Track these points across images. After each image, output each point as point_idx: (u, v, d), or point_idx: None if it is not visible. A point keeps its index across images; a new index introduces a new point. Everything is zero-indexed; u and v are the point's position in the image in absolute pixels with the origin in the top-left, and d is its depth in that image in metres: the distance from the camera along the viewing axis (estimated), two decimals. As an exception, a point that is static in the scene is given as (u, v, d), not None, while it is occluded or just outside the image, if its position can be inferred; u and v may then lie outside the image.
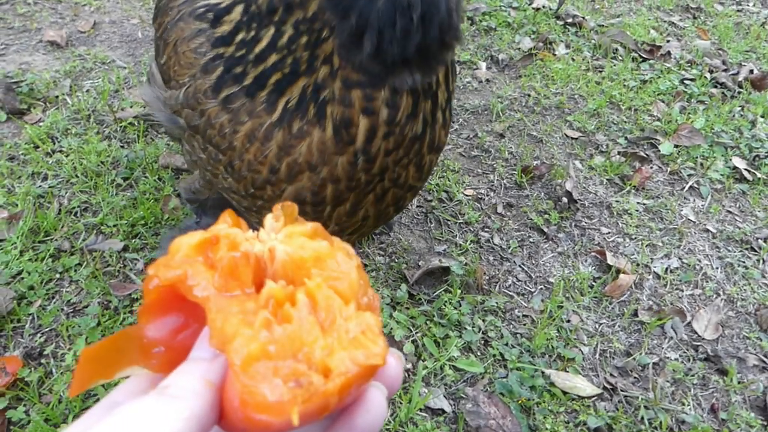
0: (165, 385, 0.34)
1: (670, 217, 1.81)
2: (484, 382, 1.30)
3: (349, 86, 0.81)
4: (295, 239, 0.42)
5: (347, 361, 0.36)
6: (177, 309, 0.40)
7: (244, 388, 0.33)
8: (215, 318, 0.36)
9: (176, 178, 1.70)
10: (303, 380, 0.34)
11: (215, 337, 0.35)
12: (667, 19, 3.08)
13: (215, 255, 0.39)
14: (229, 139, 0.93)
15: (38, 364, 1.23)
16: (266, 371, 0.34)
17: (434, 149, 0.98)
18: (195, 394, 0.34)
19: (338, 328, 0.38)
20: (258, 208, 1.02)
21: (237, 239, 0.40)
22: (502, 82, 2.38)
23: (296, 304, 0.38)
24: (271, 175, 0.92)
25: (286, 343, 0.35)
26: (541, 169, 1.90)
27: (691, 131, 2.13)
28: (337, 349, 0.36)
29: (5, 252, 1.41)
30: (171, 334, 0.39)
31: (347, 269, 0.41)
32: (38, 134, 1.76)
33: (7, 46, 2.23)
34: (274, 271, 0.41)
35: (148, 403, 0.33)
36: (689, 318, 1.51)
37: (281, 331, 0.36)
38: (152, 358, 0.38)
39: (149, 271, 0.38)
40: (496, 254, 1.62)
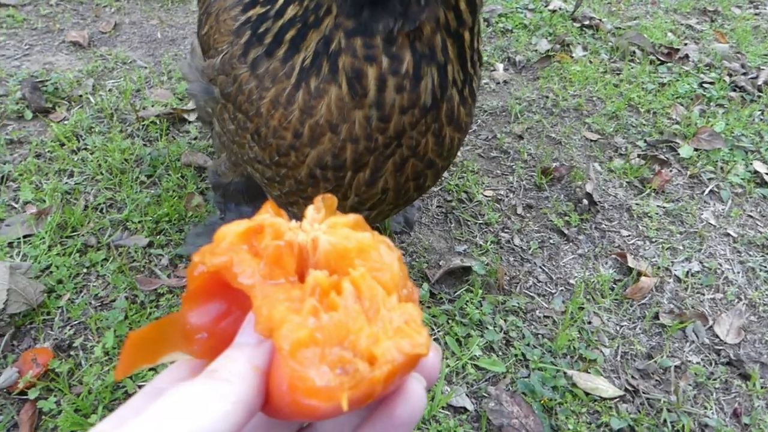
0: (213, 369, 0.35)
1: (690, 220, 1.81)
2: (506, 381, 1.30)
3: (348, 35, 0.87)
4: (338, 230, 0.42)
5: (393, 350, 0.36)
6: (220, 296, 0.40)
7: (293, 372, 0.34)
8: (261, 305, 0.37)
9: (198, 176, 1.72)
10: (349, 367, 0.35)
11: (261, 323, 0.36)
12: (684, 22, 3.07)
13: (260, 243, 0.40)
14: (256, 105, 0.98)
15: (68, 355, 1.25)
16: (314, 357, 0.34)
17: (454, 123, 1.00)
18: (242, 378, 0.34)
19: (382, 317, 0.38)
20: (281, 178, 1.05)
21: (281, 228, 0.41)
22: (520, 83, 2.38)
23: (342, 292, 0.38)
24: (295, 139, 0.96)
25: (332, 330, 0.36)
26: (561, 170, 1.90)
27: (711, 135, 2.12)
28: (383, 338, 0.37)
29: (34, 246, 1.43)
30: (214, 320, 0.40)
31: (389, 261, 0.42)
32: (63, 132, 1.79)
33: (32, 46, 2.26)
34: (316, 261, 0.41)
35: (197, 387, 0.33)
36: (711, 322, 1.51)
37: (328, 318, 0.36)
38: (195, 344, 0.39)
39: (194, 258, 0.39)
40: (516, 255, 1.63)
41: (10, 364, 1.20)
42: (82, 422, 1.11)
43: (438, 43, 0.89)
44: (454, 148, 1.06)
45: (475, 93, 1.05)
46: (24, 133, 1.81)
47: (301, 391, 0.34)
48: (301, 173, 1.00)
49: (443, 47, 0.90)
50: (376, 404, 0.40)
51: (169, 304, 1.36)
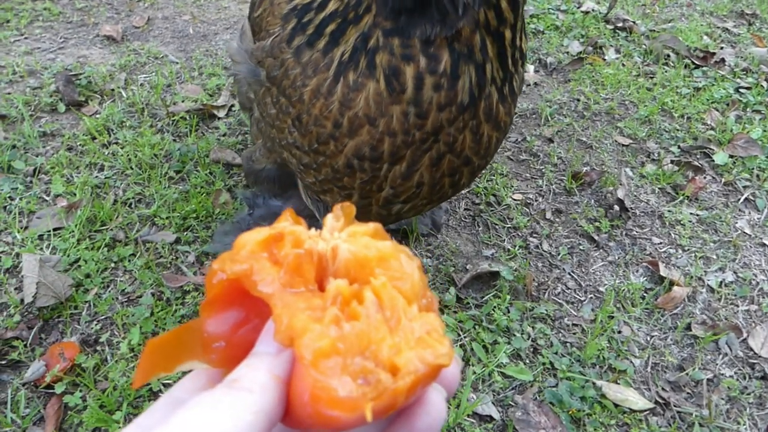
0: (234, 379, 0.35)
1: (724, 229, 1.76)
2: (533, 390, 1.28)
3: (386, 34, 0.88)
4: (358, 238, 0.42)
5: (415, 361, 0.36)
6: (239, 304, 0.40)
7: (315, 382, 0.33)
8: (281, 313, 0.36)
9: (227, 173, 1.72)
10: (371, 378, 0.35)
11: (281, 332, 0.35)
12: (720, 25, 3.00)
13: (280, 251, 0.39)
14: (299, 92, 0.99)
15: (94, 351, 1.26)
16: (336, 367, 0.34)
17: (492, 121, 0.99)
18: (264, 388, 0.34)
19: (404, 327, 0.38)
20: (318, 165, 1.06)
21: (301, 237, 0.40)
22: (551, 85, 2.35)
23: (363, 302, 0.38)
24: (335, 129, 0.97)
25: (354, 340, 0.36)
26: (592, 175, 1.86)
27: (747, 141, 2.07)
28: (405, 349, 0.37)
29: (64, 240, 1.44)
30: (232, 329, 0.39)
31: (410, 270, 0.41)
32: (95, 126, 1.80)
33: (66, 39, 2.29)
34: (336, 270, 0.41)
35: (218, 396, 0.33)
36: (745, 334, 1.47)
37: (350, 328, 0.36)
38: (212, 352, 0.39)
39: (214, 266, 0.39)
40: (545, 261, 1.60)
41: (37, 358, 1.21)
42: (106, 419, 1.11)
43: (477, 43, 0.89)
44: (492, 146, 1.06)
45: (515, 92, 1.05)
46: (57, 126, 1.83)
47: (324, 401, 0.33)
48: (338, 162, 1.01)
49: (482, 46, 0.90)
50: (396, 415, 0.39)
51: (195, 302, 1.36)
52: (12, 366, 1.21)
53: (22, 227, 1.49)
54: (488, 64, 0.92)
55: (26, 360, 1.22)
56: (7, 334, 1.24)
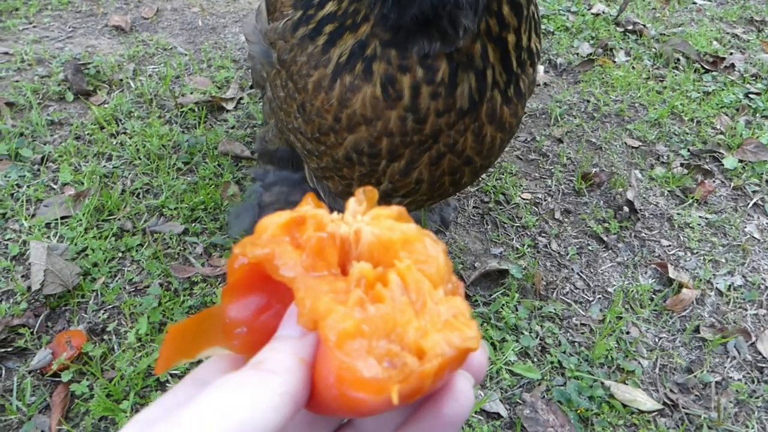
0: (258, 361, 0.34)
1: (733, 233, 1.76)
2: (541, 389, 1.27)
3: (384, 45, 0.87)
4: (382, 221, 0.41)
5: (442, 344, 0.35)
6: (260, 289, 0.39)
7: (340, 364, 0.33)
8: (304, 296, 0.35)
9: (235, 166, 1.71)
10: (397, 361, 0.34)
11: (304, 315, 0.35)
12: (730, 30, 2.99)
13: (302, 235, 0.39)
14: (304, 81, 0.99)
15: (101, 339, 1.25)
16: (362, 349, 0.33)
17: (496, 122, 0.98)
18: (289, 370, 0.33)
19: (429, 310, 0.37)
20: (320, 153, 1.06)
21: (323, 220, 0.40)
22: (561, 86, 2.34)
23: (388, 284, 0.37)
24: (335, 123, 0.97)
25: (379, 322, 0.35)
26: (601, 176, 1.86)
27: (757, 146, 2.06)
28: (431, 331, 0.36)
29: (71, 228, 1.43)
30: (254, 314, 0.39)
31: (435, 253, 0.40)
32: (104, 115, 1.80)
33: (75, 29, 2.28)
34: (359, 253, 0.40)
35: (244, 377, 0.32)
36: (753, 338, 1.46)
37: (374, 310, 0.35)
38: (234, 338, 0.38)
39: (235, 250, 0.38)
40: (553, 260, 1.59)
41: (44, 345, 1.20)
42: (113, 407, 1.11)
43: (477, 50, 0.88)
44: (496, 147, 1.04)
45: (522, 92, 1.02)
46: (65, 115, 1.82)
47: (349, 382, 0.33)
48: (338, 153, 1.01)
49: (483, 53, 0.88)
50: (422, 401, 0.38)
51: (203, 293, 1.35)
52: (18, 353, 1.20)
53: (30, 215, 1.48)
54: (489, 69, 0.91)
55: (32, 348, 1.21)
56: (13, 322, 1.23)
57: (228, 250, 1.46)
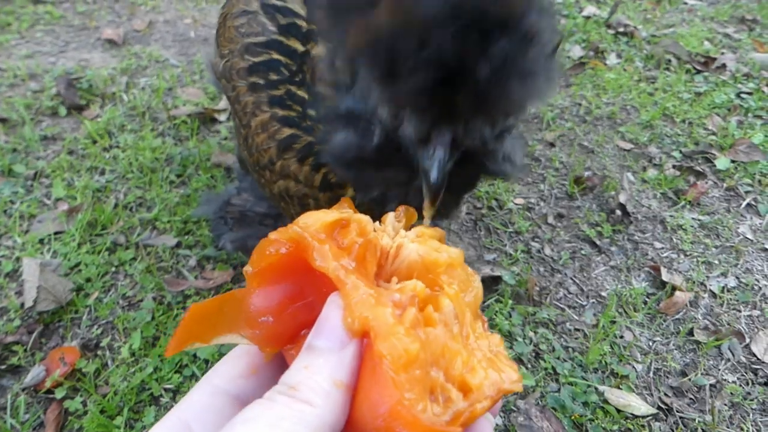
0: (292, 386, 0.32)
1: (726, 234, 1.76)
2: (535, 395, 1.27)
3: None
4: (427, 240, 0.40)
5: (489, 384, 0.34)
6: (292, 278, 0.37)
7: (400, 399, 0.30)
8: (352, 296, 0.33)
9: (228, 177, 1.72)
10: (442, 396, 0.32)
11: (353, 316, 0.33)
12: (721, 30, 3.00)
13: (343, 238, 0.37)
14: (248, 119, 1.00)
15: (94, 355, 1.25)
16: (418, 382, 0.31)
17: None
18: (327, 398, 0.31)
19: (472, 344, 0.36)
20: (261, 184, 1.08)
21: (366, 227, 0.38)
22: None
23: (441, 309, 0.35)
24: (270, 164, 0.99)
25: (430, 349, 0.33)
26: (593, 180, 1.86)
27: (749, 146, 2.07)
28: (478, 368, 0.34)
29: (65, 244, 1.44)
30: (283, 303, 0.37)
31: (475, 283, 0.39)
32: (96, 129, 1.80)
33: (68, 43, 2.29)
34: (396, 269, 0.38)
35: (279, 410, 0.30)
36: (747, 340, 1.46)
37: (426, 335, 0.33)
38: (257, 327, 0.36)
39: (271, 236, 0.36)
40: (546, 265, 1.60)
41: (38, 362, 1.20)
42: (107, 424, 1.11)
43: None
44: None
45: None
46: (58, 130, 1.83)
47: (404, 422, 0.30)
48: (273, 189, 1.03)
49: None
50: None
51: (196, 306, 1.35)
52: (12, 371, 1.21)
53: (23, 231, 1.49)
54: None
55: (26, 365, 1.21)
56: (7, 339, 1.23)
57: (221, 262, 1.46)
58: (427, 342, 0.33)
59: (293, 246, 0.36)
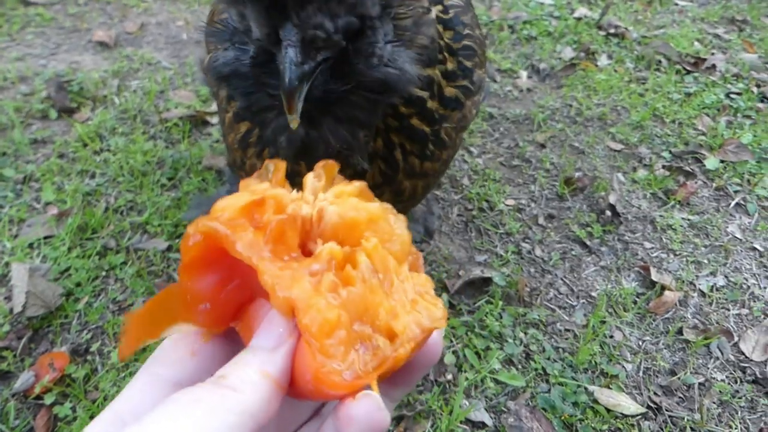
0: (221, 375, 0.34)
1: (715, 233, 1.77)
2: (525, 396, 1.28)
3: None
4: (345, 200, 0.41)
5: (413, 326, 0.36)
6: (218, 265, 0.39)
7: (320, 366, 0.33)
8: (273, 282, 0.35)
9: (219, 180, 1.72)
10: (369, 345, 0.35)
11: (278, 301, 0.35)
12: (711, 31, 3.02)
13: (262, 217, 0.39)
14: (222, 115, 1.01)
15: (84, 360, 1.25)
16: (340, 344, 0.34)
17: (416, 176, 0.98)
18: (252, 387, 0.33)
19: (396, 289, 0.38)
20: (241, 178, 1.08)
21: (283, 201, 0.40)
22: (544, 91, 2.36)
23: (358, 266, 0.37)
24: (242, 163, 0.99)
25: (352, 307, 0.35)
26: (584, 180, 1.87)
27: (738, 146, 2.08)
28: (401, 313, 0.37)
29: (54, 248, 1.43)
30: (215, 288, 0.39)
31: (399, 230, 0.41)
32: (87, 133, 1.80)
33: (59, 45, 2.29)
34: (321, 232, 0.40)
35: (200, 395, 0.32)
36: (736, 338, 1.47)
37: (347, 294, 0.36)
38: (198, 315, 0.38)
39: (189, 230, 0.38)
40: (537, 266, 1.60)
41: (27, 368, 1.20)
42: (98, 427, 1.10)
43: (379, 144, 0.88)
44: (419, 191, 1.05)
45: (444, 141, 1.01)
46: (48, 133, 1.82)
47: (328, 384, 0.33)
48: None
49: (386, 142, 0.88)
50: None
51: (187, 309, 1.35)
52: (1, 377, 1.20)
53: (12, 236, 1.48)
54: (397, 149, 0.91)
55: (15, 370, 1.21)
56: (-4, 344, 1.23)
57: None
58: (347, 301, 0.35)
59: (206, 237, 0.37)
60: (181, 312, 0.38)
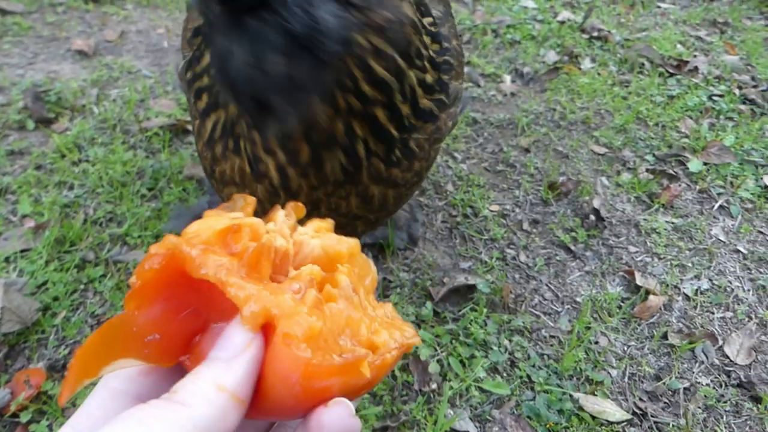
0: (173, 390, 0.32)
1: (699, 236, 1.77)
2: (510, 404, 1.27)
3: (249, 126, 0.85)
4: (327, 234, 0.43)
5: (391, 341, 0.37)
6: (173, 291, 0.36)
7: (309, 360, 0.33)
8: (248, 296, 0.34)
9: (200, 190, 1.70)
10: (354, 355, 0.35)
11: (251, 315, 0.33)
12: (693, 33, 3.04)
13: (236, 243, 0.37)
14: (196, 123, 0.99)
15: (62, 376, 1.22)
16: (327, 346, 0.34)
17: (383, 182, 0.96)
18: (204, 401, 0.32)
19: (371, 313, 0.40)
20: (214, 189, 1.07)
21: (259, 230, 0.39)
22: (527, 95, 2.36)
23: (339, 285, 0.38)
24: (211, 171, 0.98)
25: (335, 321, 0.36)
26: (568, 185, 1.87)
27: (721, 149, 2.09)
28: (381, 330, 0.38)
29: (31, 262, 1.41)
30: (166, 317, 0.36)
31: (371, 267, 0.44)
32: (65, 143, 1.77)
33: (36, 54, 2.25)
34: (298, 265, 0.40)
35: (152, 411, 0.31)
36: (720, 342, 1.47)
37: (329, 310, 0.36)
38: (145, 347, 0.35)
39: (151, 249, 0.35)
40: (522, 272, 1.60)
41: (2, 385, 1.17)
42: (75, 445, 1.08)
43: (339, 128, 0.83)
44: (390, 201, 1.03)
45: (414, 151, 0.98)
46: (25, 144, 1.80)
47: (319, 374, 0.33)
48: (222, 194, 1.02)
49: (348, 129, 0.84)
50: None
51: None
52: (-24, 394, 1.18)
53: (-11, 249, 1.46)
54: (359, 143, 0.87)
55: (-9, 387, 1.18)
56: (-29, 361, 1.21)
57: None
58: (330, 316, 0.36)
59: (169, 258, 0.35)
60: (124, 346, 0.35)
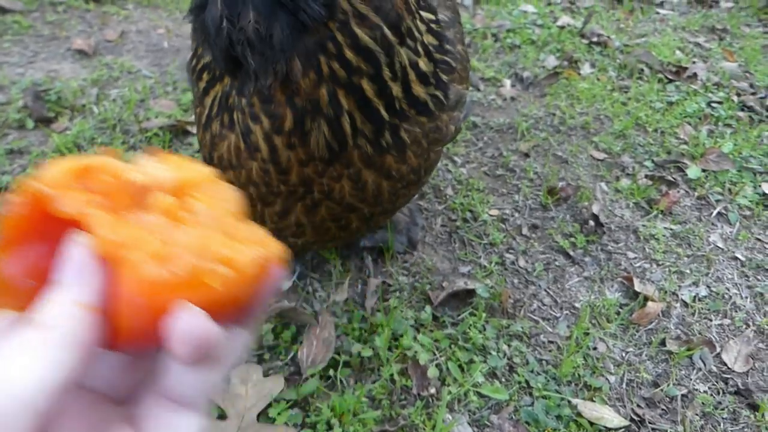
0: (30, 317, 0.31)
1: (697, 243, 1.78)
2: (509, 409, 1.27)
3: (237, 93, 0.87)
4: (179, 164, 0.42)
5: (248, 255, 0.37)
6: (42, 235, 0.36)
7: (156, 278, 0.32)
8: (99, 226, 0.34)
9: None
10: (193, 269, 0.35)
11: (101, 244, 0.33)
12: (692, 40, 3.05)
13: (91, 181, 0.37)
14: (197, 111, 1.01)
15: None
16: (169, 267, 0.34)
17: (376, 168, 0.96)
18: (71, 319, 0.31)
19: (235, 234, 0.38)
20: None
21: (115, 167, 0.39)
22: (527, 100, 2.36)
23: (192, 210, 0.38)
24: (210, 159, 0.99)
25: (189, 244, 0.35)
26: (567, 190, 1.87)
27: (719, 155, 2.10)
28: (240, 247, 0.37)
29: (30, 262, 1.40)
30: (39, 262, 0.35)
31: (230, 191, 0.42)
32: (65, 143, 1.77)
33: (36, 53, 2.25)
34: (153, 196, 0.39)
35: (19, 339, 0.29)
36: (718, 349, 1.48)
37: (181, 234, 0.36)
38: (20, 296, 0.35)
39: (13, 197, 0.35)
40: (521, 277, 1.60)
41: None
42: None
43: (323, 96, 0.83)
44: (385, 194, 1.02)
45: (405, 142, 0.97)
46: (25, 143, 1.79)
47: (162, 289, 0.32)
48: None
49: (332, 99, 0.84)
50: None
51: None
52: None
53: (-12, 248, 1.45)
54: (344, 117, 0.86)
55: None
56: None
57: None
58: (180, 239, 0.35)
59: (33, 202, 0.35)
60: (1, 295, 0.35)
